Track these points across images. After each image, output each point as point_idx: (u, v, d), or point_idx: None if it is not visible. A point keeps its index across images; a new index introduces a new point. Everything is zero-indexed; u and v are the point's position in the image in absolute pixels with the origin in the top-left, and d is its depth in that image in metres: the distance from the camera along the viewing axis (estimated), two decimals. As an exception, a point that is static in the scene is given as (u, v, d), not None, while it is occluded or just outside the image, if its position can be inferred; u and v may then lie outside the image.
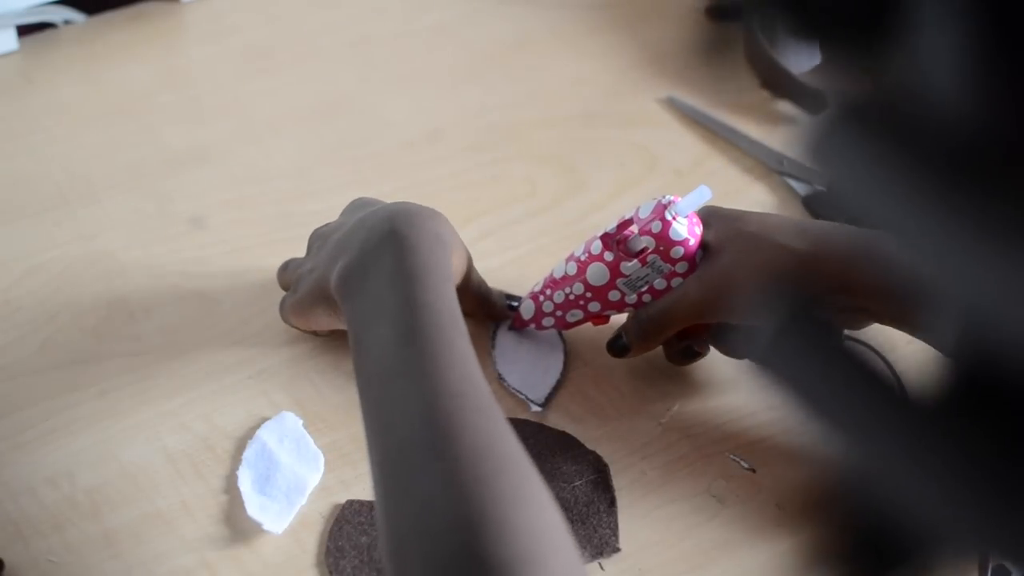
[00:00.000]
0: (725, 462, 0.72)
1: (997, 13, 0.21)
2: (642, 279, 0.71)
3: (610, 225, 0.71)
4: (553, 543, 0.52)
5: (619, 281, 0.71)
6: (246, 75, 1.00)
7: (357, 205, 0.75)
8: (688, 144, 0.94)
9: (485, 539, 0.50)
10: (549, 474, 0.70)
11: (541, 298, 0.75)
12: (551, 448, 0.72)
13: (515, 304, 0.78)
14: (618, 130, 0.96)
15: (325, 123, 0.95)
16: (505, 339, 0.78)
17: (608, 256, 0.71)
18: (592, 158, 0.93)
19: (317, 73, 1.01)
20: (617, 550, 0.68)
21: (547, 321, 0.75)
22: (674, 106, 0.96)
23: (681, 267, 0.70)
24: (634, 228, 0.70)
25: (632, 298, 0.72)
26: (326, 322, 0.72)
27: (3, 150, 0.91)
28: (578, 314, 0.74)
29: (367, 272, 0.64)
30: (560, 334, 0.78)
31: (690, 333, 0.73)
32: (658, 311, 0.71)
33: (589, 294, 0.73)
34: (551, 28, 1.06)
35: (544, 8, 1.07)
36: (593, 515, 0.68)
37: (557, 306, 0.74)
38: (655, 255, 0.70)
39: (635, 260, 0.70)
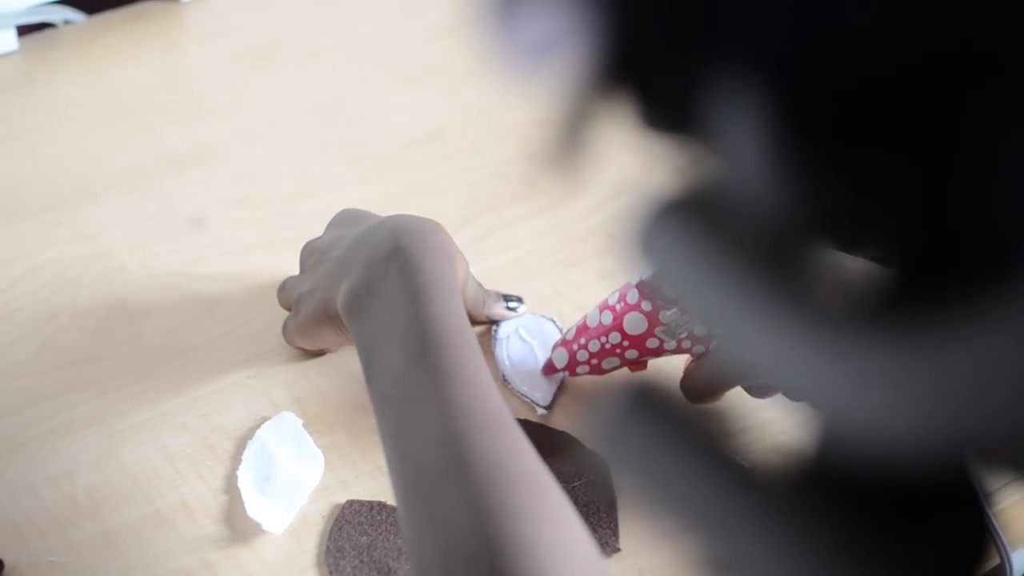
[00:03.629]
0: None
1: (790, 116, 0.22)
2: (682, 326, 0.69)
3: (645, 273, 0.70)
4: (573, 560, 0.51)
5: (658, 329, 0.70)
6: (246, 75, 1.00)
7: (344, 218, 0.75)
8: (688, 144, 0.94)
9: (505, 562, 0.49)
10: (549, 474, 0.70)
11: (575, 347, 0.73)
12: (551, 448, 0.72)
13: (513, 305, 0.78)
14: (618, 130, 0.96)
15: (325, 123, 0.95)
16: (506, 341, 0.78)
17: (646, 305, 0.69)
18: (592, 158, 0.93)
19: (317, 73, 1.01)
20: (617, 550, 0.68)
21: (581, 369, 0.74)
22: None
23: None
24: None
25: (671, 344, 0.70)
26: (334, 341, 0.72)
27: (3, 150, 0.91)
28: (615, 361, 0.72)
29: (373, 292, 0.63)
30: (560, 332, 0.78)
31: None
32: (707, 379, 0.70)
33: (626, 343, 0.71)
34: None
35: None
36: (593, 515, 0.68)
37: (592, 355, 0.73)
38: None
39: (675, 308, 0.69)
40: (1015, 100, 0.20)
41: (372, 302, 0.63)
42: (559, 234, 0.86)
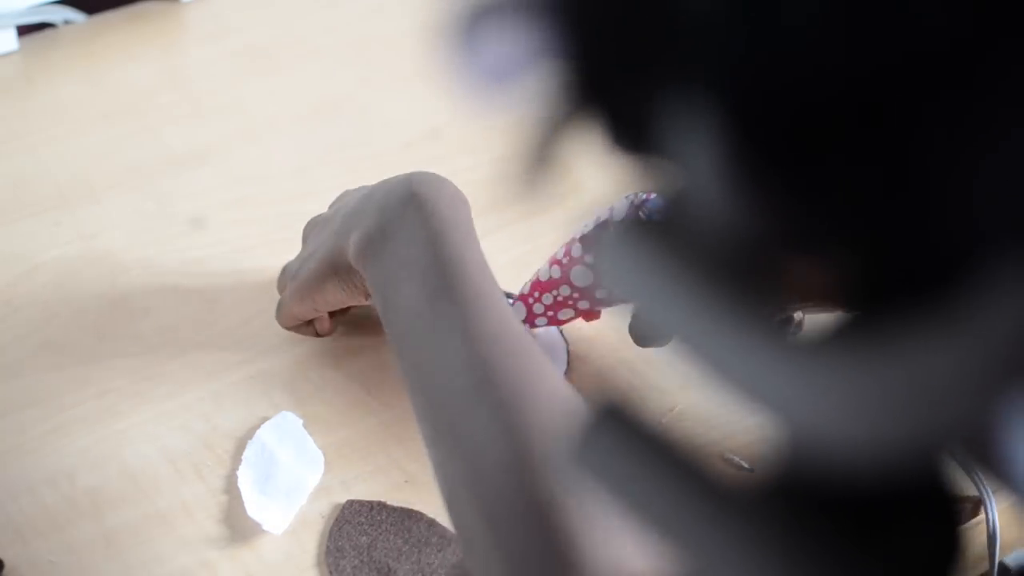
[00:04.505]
0: (725, 462, 0.72)
1: (743, 132, 0.23)
2: None
3: (587, 226, 0.72)
4: None
5: None
6: (246, 75, 1.00)
7: (347, 193, 0.75)
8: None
9: (533, 476, 0.50)
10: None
11: (531, 300, 0.75)
12: (551, 448, 0.72)
13: (512, 303, 0.78)
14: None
15: (325, 123, 0.95)
16: (505, 339, 0.78)
17: (589, 259, 0.71)
18: (592, 158, 0.93)
19: (317, 73, 1.01)
20: (617, 550, 0.68)
21: (540, 321, 0.76)
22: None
23: None
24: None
25: None
26: (336, 299, 0.71)
27: (3, 150, 0.91)
28: (569, 312, 0.75)
29: (388, 236, 0.64)
30: (562, 334, 0.78)
31: None
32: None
33: (576, 295, 0.73)
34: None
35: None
36: (593, 515, 0.68)
37: (547, 307, 0.75)
38: None
39: None
40: (970, 112, 0.21)
41: (387, 244, 0.63)
42: (559, 234, 0.86)
